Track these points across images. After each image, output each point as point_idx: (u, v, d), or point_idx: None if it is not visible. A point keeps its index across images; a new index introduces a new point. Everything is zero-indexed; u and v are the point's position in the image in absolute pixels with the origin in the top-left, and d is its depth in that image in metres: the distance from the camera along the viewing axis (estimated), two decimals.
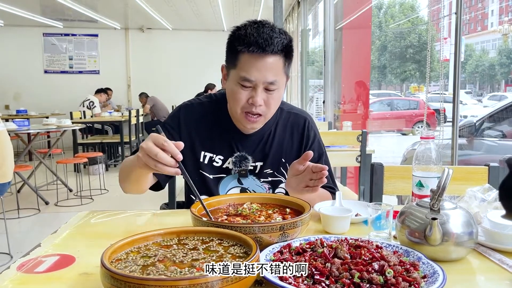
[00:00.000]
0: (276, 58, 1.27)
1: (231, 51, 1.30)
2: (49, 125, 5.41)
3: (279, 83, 1.30)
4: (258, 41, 1.23)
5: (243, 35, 1.26)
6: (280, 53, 1.27)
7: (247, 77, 1.26)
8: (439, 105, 2.91)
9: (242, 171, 1.43)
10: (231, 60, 1.31)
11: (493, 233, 0.98)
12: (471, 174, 1.58)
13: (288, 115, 1.49)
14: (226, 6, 7.41)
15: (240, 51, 1.26)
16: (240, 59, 1.27)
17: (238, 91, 1.29)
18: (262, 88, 1.28)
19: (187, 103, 1.49)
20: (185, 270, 0.76)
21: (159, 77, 9.60)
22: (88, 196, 5.20)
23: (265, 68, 1.25)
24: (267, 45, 1.24)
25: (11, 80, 9.26)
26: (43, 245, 1.03)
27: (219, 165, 1.43)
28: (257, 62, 1.25)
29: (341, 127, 4.27)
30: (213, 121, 1.43)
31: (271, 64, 1.26)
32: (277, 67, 1.28)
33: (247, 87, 1.28)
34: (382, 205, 1.06)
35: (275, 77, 1.27)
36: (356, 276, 0.75)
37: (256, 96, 1.28)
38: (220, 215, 1.09)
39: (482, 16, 17.62)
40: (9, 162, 3.07)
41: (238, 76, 1.28)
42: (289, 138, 1.47)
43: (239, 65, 1.28)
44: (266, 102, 1.30)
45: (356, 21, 5.03)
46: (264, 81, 1.27)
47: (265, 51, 1.24)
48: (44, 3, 7.52)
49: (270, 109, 1.33)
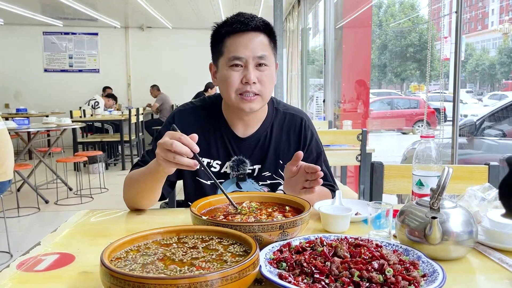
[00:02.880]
0: (260, 35, 1.32)
1: (216, 41, 1.35)
2: (49, 123, 5.40)
3: (269, 59, 1.32)
4: (240, 19, 1.30)
5: (225, 21, 1.34)
6: (263, 30, 1.32)
7: (236, 55, 1.29)
8: (440, 104, 2.91)
9: (240, 175, 1.42)
10: (217, 50, 1.35)
11: (493, 232, 0.98)
12: (471, 173, 1.58)
13: (284, 116, 1.47)
14: (226, 5, 7.41)
15: (225, 34, 1.31)
16: (226, 43, 1.31)
17: (230, 74, 1.30)
18: (253, 64, 1.30)
19: (181, 109, 1.47)
20: (185, 269, 0.75)
21: (159, 76, 9.58)
22: (88, 195, 5.20)
23: (252, 43, 1.29)
24: (249, 21, 1.29)
25: (11, 79, 9.26)
26: (42, 243, 1.03)
27: (217, 170, 1.42)
28: (242, 39, 1.29)
29: (341, 126, 4.26)
30: (209, 126, 1.42)
31: (256, 40, 1.30)
32: (263, 43, 1.32)
33: (238, 66, 1.30)
34: (382, 204, 1.06)
35: (263, 52, 1.30)
36: (356, 275, 0.75)
37: (248, 73, 1.29)
38: (219, 214, 1.09)
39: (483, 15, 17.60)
40: (9, 160, 3.07)
41: (227, 59, 1.30)
42: (286, 139, 1.45)
43: (226, 49, 1.31)
44: (260, 79, 1.31)
45: (356, 20, 5.03)
46: (254, 56, 1.29)
47: (248, 25, 1.29)
48: (44, 2, 7.51)
49: (265, 87, 1.33)
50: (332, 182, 1.49)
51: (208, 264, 0.78)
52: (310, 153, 1.47)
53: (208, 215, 1.06)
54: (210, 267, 0.77)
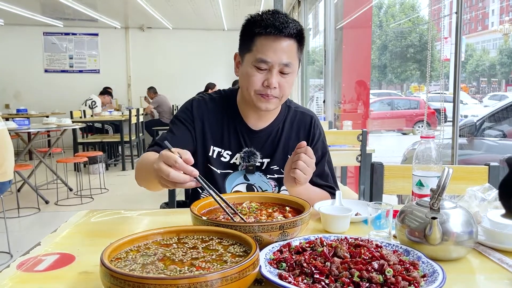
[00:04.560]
0: (291, 41, 1.31)
1: (247, 36, 1.33)
2: (49, 124, 5.41)
3: (293, 67, 1.33)
4: (275, 23, 1.28)
5: (259, 20, 1.31)
6: (295, 37, 1.31)
7: (263, 58, 1.29)
8: (440, 104, 2.91)
9: (250, 166, 1.44)
10: (246, 45, 1.34)
11: (493, 232, 0.98)
12: (471, 174, 1.58)
13: (295, 113, 1.51)
14: (226, 5, 7.41)
15: (257, 34, 1.30)
16: (256, 42, 1.30)
17: (254, 74, 1.31)
18: (277, 70, 1.30)
19: (199, 98, 1.51)
20: (185, 269, 0.76)
21: (159, 76, 9.59)
22: (88, 195, 5.20)
23: (281, 50, 1.29)
24: (284, 28, 1.28)
25: (12, 79, 9.26)
26: (43, 244, 1.03)
27: (226, 161, 1.45)
28: (274, 43, 1.29)
29: (341, 126, 4.27)
30: (223, 117, 1.45)
31: (286, 47, 1.30)
32: (292, 50, 1.31)
33: (263, 69, 1.31)
34: (382, 204, 1.06)
35: (290, 59, 1.30)
36: (356, 275, 0.75)
37: (271, 77, 1.30)
38: (220, 214, 1.09)
39: (483, 15, 17.60)
40: (9, 161, 3.07)
41: (254, 59, 1.30)
42: (296, 135, 1.49)
43: (255, 48, 1.30)
44: (281, 85, 1.32)
45: (357, 20, 5.03)
46: (280, 63, 1.29)
47: (281, 33, 1.28)
48: (44, 2, 7.51)
49: (285, 92, 1.35)
50: (332, 184, 1.49)
51: (208, 265, 0.78)
52: (316, 151, 1.47)
53: (208, 215, 1.06)
54: (210, 267, 0.77)
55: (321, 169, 1.47)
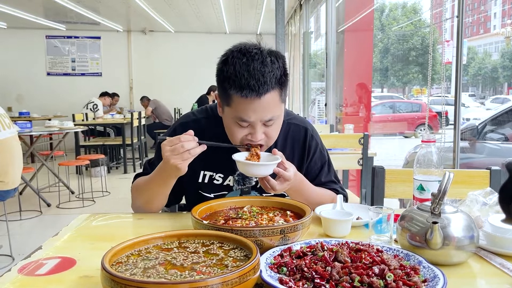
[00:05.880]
0: (272, 94, 1.18)
1: (223, 89, 1.21)
2: (52, 127, 5.42)
3: (278, 115, 1.24)
4: (250, 83, 1.14)
5: (233, 76, 1.16)
6: (276, 87, 1.19)
7: (244, 118, 1.20)
8: (441, 107, 2.90)
9: (245, 188, 1.40)
10: (224, 97, 1.23)
11: (494, 237, 0.98)
12: (472, 178, 1.58)
13: (289, 126, 1.43)
14: (228, 9, 7.42)
15: (233, 94, 1.18)
16: (233, 100, 1.19)
17: (236, 130, 1.24)
18: (260, 124, 1.22)
19: (182, 121, 1.42)
20: (186, 274, 0.76)
21: (161, 80, 9.61)
22: (90, 198, 5.20)
23: (262, 108, 1.18)
24: (261, 86, 1.15)
25: (14, 82, 9.29)
26: (44, 247, 1.03)
27: (219, 183, 1.40)
28: (252, 104, 1.17)
29: (343, 129, 4.26)
30: (211, 138, 1.29)
31: (267, 103, 1.18)
32: (274, 102, 1.20)
33: (245, 126, 1.23)
34: (383, 208, 1.05)
35: (272, 114, 1.21)
36: (357, 280, 0.75)
37: (255, 133, 1.22)
38: (220, 219, 1.09)
39: (485, 18, 17.60)
40: (14, 169, 2.99)
41: (233, 115, 1.21)
42: (290, 150, 1.42)
43: (233, 105, 1.20)
44: (267, 133, 1.25)
45: (358, 23, 5.04)
46: (262, 119, 1.21)
47: (259, 93, 1.15)
48: (47, 6, 7.54)
49: (271, 138, 1.27)
50: (337, 187, 1.47)
51: (208, 269, 0.78)
52: (314, 163, 1.45)
53: (209, 220, 1.06)
54: (210, 271, 0.77)
55: (321, 179, 1.45)
